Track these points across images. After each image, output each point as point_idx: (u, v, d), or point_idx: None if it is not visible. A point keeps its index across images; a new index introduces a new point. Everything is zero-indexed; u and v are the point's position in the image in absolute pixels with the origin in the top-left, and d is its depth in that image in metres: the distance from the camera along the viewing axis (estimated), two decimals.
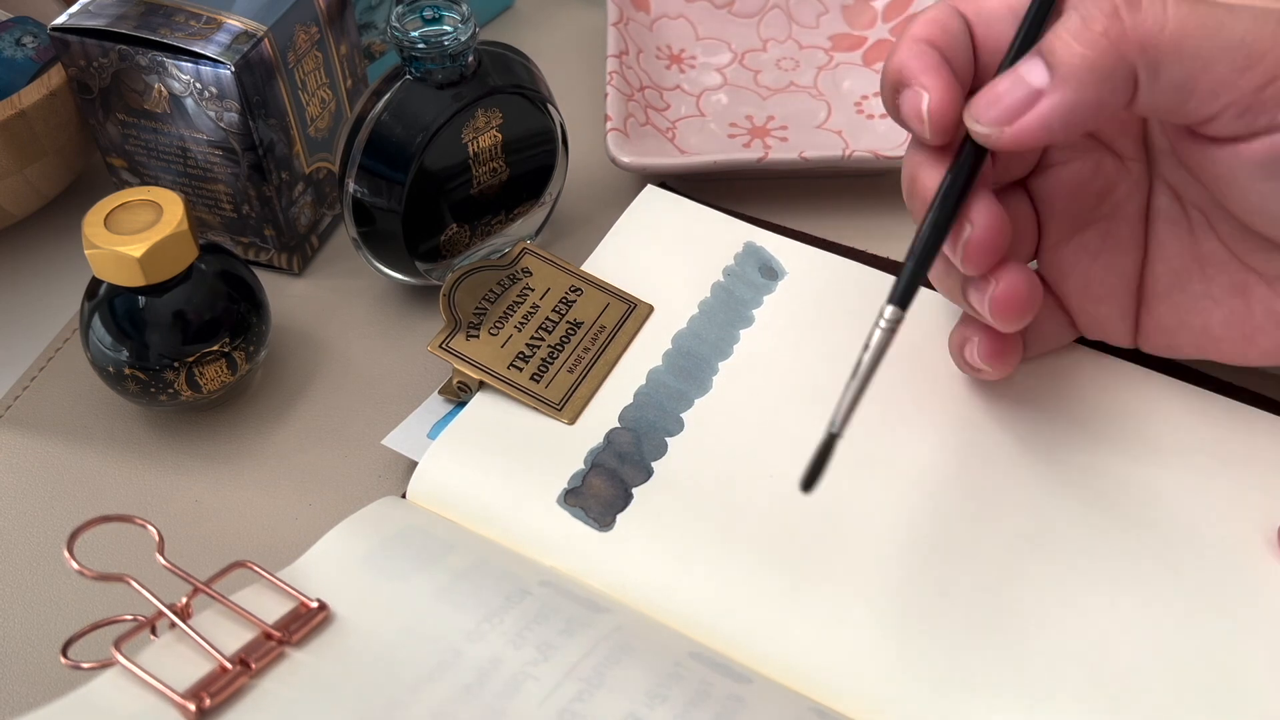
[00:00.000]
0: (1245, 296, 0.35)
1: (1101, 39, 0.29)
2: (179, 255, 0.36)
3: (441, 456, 0.36)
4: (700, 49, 0.55)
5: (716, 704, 0.29)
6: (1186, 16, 0.29)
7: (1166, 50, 0.29)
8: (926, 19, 0.33)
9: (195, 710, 0.27)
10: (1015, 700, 0.31)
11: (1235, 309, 0.35)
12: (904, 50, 0.33)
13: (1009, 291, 0.33)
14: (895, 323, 0.30)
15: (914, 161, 0.34)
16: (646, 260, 0.42)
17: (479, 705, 0.28)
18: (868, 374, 0.30)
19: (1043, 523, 0.35)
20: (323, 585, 0.31)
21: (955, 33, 0.33)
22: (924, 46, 0.32)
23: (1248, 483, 0.36)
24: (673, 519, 0.35)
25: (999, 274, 0.33)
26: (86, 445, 0.40)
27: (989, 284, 0.33)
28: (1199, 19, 0.29)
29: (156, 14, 0.40)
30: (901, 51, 0.33)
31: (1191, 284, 0.36)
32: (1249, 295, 0.35)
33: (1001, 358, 0.36)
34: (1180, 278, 0.36)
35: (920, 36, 0.33)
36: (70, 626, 0.33)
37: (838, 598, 0.33)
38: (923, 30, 0.33)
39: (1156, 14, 0.29)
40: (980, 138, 0.31)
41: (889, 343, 0.30)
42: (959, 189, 0.32)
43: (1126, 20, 0.29)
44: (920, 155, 0.34)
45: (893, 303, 0.31)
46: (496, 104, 0.40)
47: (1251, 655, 0.32)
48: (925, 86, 0.32)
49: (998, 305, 0.33)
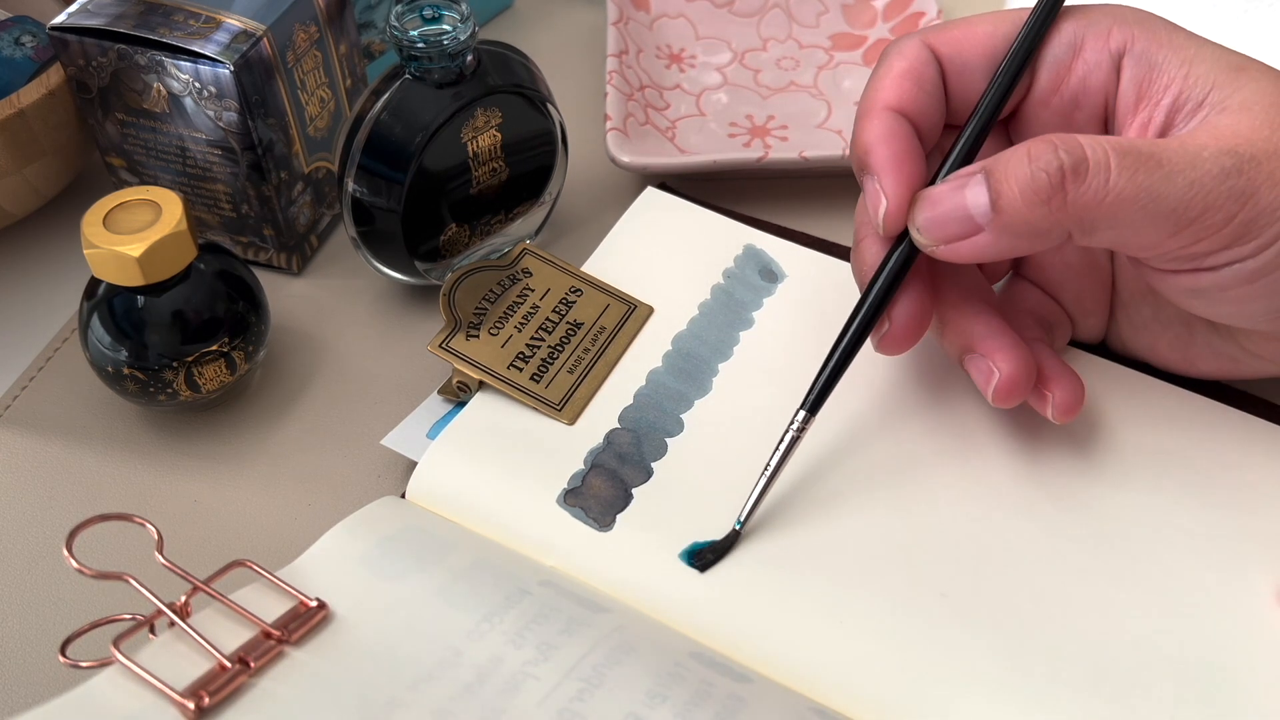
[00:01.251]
0: (1188, 327, 0.37)
1: (1043, 206, 0.30)
2: (178, 255, 0.36)
3: (441, 456, 0.36)
4: (700, 48, 0.55)
5: (716, 704, 0.29)
6: (1124, 189, 0.30)
7: (1101, 220, 0.30)
8: (902, 70, 0.34)
9: (194, 709, 0.27)
10: (1015, 700, 0.31)
11: (1180, 335, 0.37)
12: (872, 127, 0.34)
13: (1009, 384, 0.34)
14: (805, 425, 0.34)
15: (860, 224, 0.35)
16: (646, 262, 0.42)
17: (479, 704, 0.28)
18: (774, 473, 0.34)
19: (1043, 523, 0.35)
20: (322, 584, 0.31)
21: (929, 89, 0.34)
22: (892, 124, 0.33)
23: (1248, 485, 0.36)
24: (672, 519, 0.35)
25: (997, 359, 0.34)
26: (85, 445, 0.40)
27: (993, 375, 0.34)
28: (1135, 191, 0.30)
29: (155, 13, 0.40)
30: (870, 127, 0.34)
31: (1144, 306, 0.38)
32: (1191, 327, 0.37)
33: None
34: (1135, 298, 0.38)
35: (891, 104, 0.34)
36: (69, 625, 0.33)
37: (837, 597, 0.33)
38: (894, 93, 0.34)
39: (1098, 188, 0.30)
40: (917, 243, 0.33)
41: (797, 443, 0.34)
42: (880, 295, 0.34)
43: (1070, 193, 0.30)
44: (867, 221, 0.35)
45: (804, 409, 0.34)
46: (496, 104, 0.40)
47: (1251, 655, 0.32)
48: (885, 191, 0.33)
49: (1000, 394, 0.34)
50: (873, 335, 0.35)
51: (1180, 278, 0.32)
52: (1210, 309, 0.34)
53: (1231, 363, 0.37)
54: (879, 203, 0.33)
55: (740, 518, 0.34)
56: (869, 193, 0.34)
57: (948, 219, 0.31)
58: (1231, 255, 0.31)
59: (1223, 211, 0.30)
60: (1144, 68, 0.33)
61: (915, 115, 0.34)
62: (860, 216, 0.35)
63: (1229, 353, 0.36)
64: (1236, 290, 0.32)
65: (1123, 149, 0.30)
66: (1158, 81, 0.33)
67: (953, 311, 0.35)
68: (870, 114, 0.34)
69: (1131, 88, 0.33)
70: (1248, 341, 0.36)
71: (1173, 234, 0.30)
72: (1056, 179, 0.30)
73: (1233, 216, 0.30)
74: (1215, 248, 0.31)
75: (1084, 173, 0.30)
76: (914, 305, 0.34)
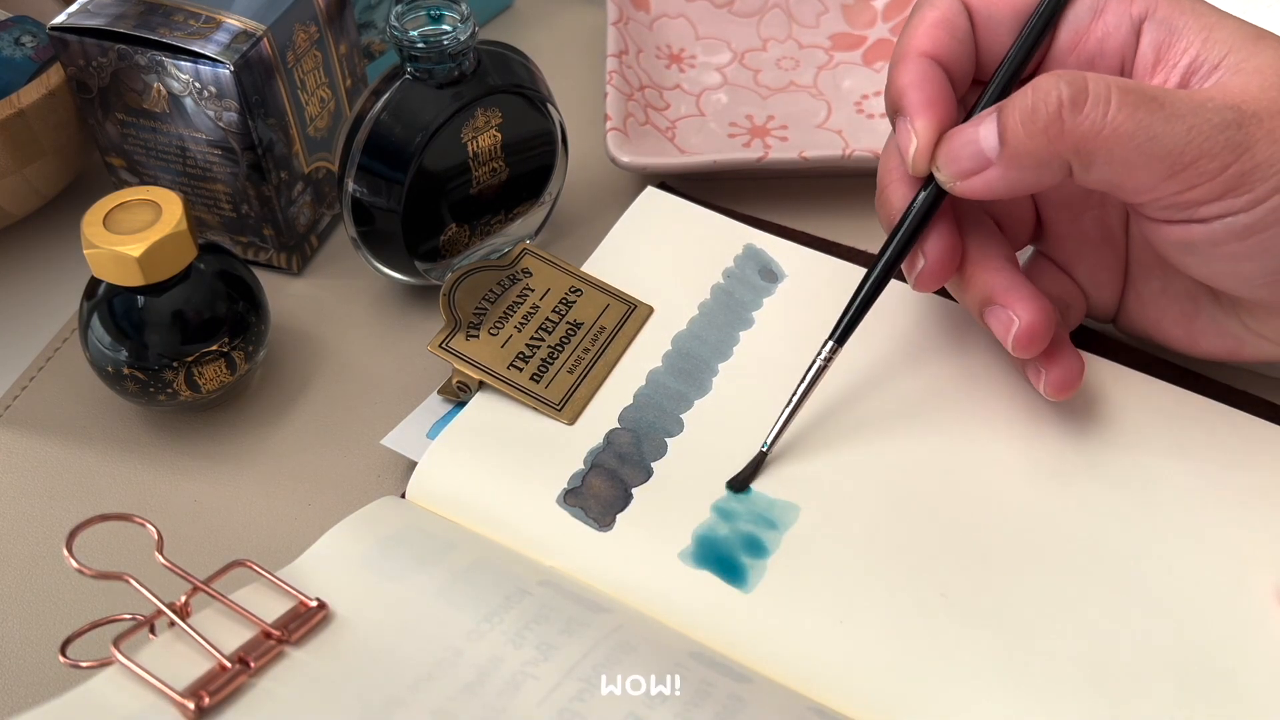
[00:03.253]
0: (1195, 302, 0.37)
1: (1041, 134, 0.31)
2: (178, 255, 0.36)
3: (441, 456, 0.36)
4: (700, 48, 0.55)
5: (716, 704, 0.29)
6: (1122, 124, 0.31)
7: (1098, 153, 0.31)
8: (936, 19, 0.35)
9: (194, 709, 0.27)
10: (1015, 700, 0.31)
11: (1185, 310, 0.37)
12: (908, 71, 0.35)
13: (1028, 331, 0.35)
14: (832, 356, 0.36)
15: (888, 169, 0.37)
16: (646, 262, 0.42)
17: (479, 704, 0.28)
18: (800, 400, 0.36)
19: (1043, 523, 0.35)
20: (322, 584, 0.31)
21: (960, 37, 0.35)
22: (926, 69, 0.35)
23: (1248, 485, 0.36)
24: (672, 519, 0.35)
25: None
26: (85, 445, 0.40)
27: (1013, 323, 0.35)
28: (1133, 128, 0.30)
29: (155, 13, 0.40)
30: (905, 71, 0.35)
31: (1154, 279, 0.38)
32: (1198, 302, 0.37)
33: None
34: (1146, 270, 0.38)
35: (925, 50, 0.35)
36: (69, 625, 0.33)
37: (837, 597, 0.33)
38: (928, 40, 0.35)
39: (1095, 119, 0.31)
40: (940, 181, 0.34)
41: (823, 373, 0.36)
42: (911, 229, 0.35)
43: (1067, 121, 0.31)
44: (895, 166, 0.36)
45: (832, 339, 0.36)
46: (496, 104, 0.40)
47: (1251, 655, 0.32)
48: (916, 130, 0.34)
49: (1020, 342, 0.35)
50: (909, 274, 0.36)
51: (1174, 229, 0.33)
52: (1204, 267, 0.34)
53: (1235, 342, 0.37)
54: (909, 142, 0.34)
55: (766, 442, 0.36)
56: (900, 133, 0.35)
57: (961, 154, 0.33)
58: (1223, 207, 0.31)
59: (1218, 160, 0.30)
60: (1164, 32, 0.33)
61: (948, 62, 0.35)
62: (886, 163, 0.37)
63: (1232, 331, 0.36)
64: (1228, 246, 0.32)
65: (1126, 86, 0.31)
66: (1176, 46, 0.33)
67: (973, 267, 0.36)
68: (905, 59, 0.35)
69: (1150, 50, 0.34)
70: (1250, 319, 0.36)
71: (1166, 177, 0.31)
72: (1054, 107, 0.31)
73: (1227, 166, 0.30)
74: (1208, 197, 0.31)
75: (1083, 102, 0.31)
76: (945, 240, 0.35)
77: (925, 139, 0.34)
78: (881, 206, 0.37)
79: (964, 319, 0.41)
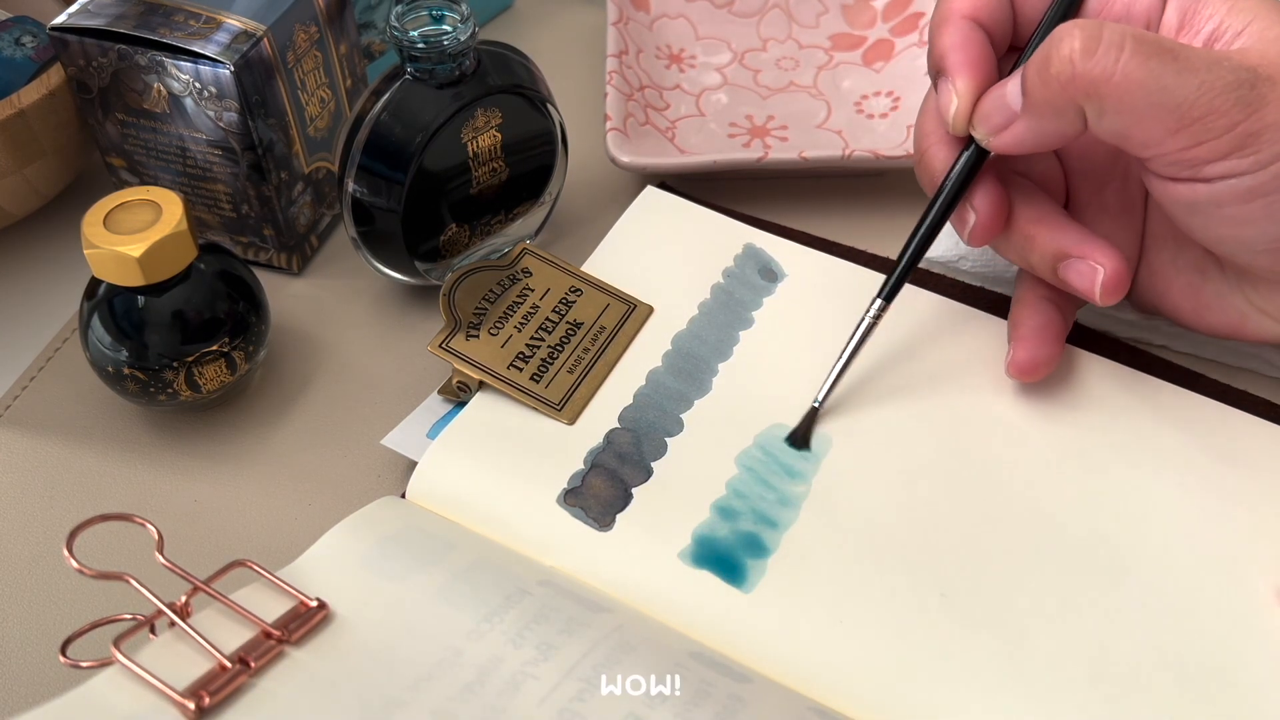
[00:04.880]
0: (1202, 274, 0.37)
1: (1054, 80, 0.32)
2: (178, 255, 0.36)
3: (441, 456, 0.36)
4: (700, 48, 0.55)
5: (716, 704, 0.29)
6: (1133, 72, 0.31)
7: (1108, 99, 0.31)
8: None
9: (194, 709, 0.27)
10: (1015, 700, 0.31)
11: (1192, 282, 0.38)
12: (950, 33, 0.36)
13: (1115, 277, 0.35)
14: (880, 313, 0.37)
15: (925, 132, 0.38)
16: (646, 261, 0.42)
17: (479, 704, 0.28)
18: (850, 356, 0.37)
19: (1042, 523, 0.35)
20: (322, 584, 0.31)
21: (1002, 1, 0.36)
22: (967, 31, 0.36)
23: (1248, 485, 0.36)
24: (672, 519, 0.35)
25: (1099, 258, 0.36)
26: (86, 445, 0.40)
27: (1097, 272, 0.36)
28: (1143, 76, 0.31)
29: (156, 13, 0.40)
30: (948, 33, 0.36)
31: (1166, 249, 0.38)
32: (1205, 273, 0.37)
33: None
34: (1159, 241, 0.38)
35: (966, 12, 0.36)
36: (69, 625, 0.33)
37: (837, 597, 0.33)
38: (969, 2, 0.36)
39: (1107, 64, 0.31)
40: (978, 140, 0.36)
41: (872, 330, 0.37)
42: (958, 184, 0.36)
43: (1078, 65, 0.31)
44: (933, 129, 0.37)
45: (880, 297, 0.37)
46: (496, 104, 0.40)
47: (1251, 655, 0.32)
48: (957, 90, 0.35)
49: (1108, 289, 0.36)
50: (962, 229, 0.37)
51: (1180, 187, 0.33)
52: (1207, 230, 0.34)
53: (1238, 317, 0.37)
54: (950, 102, 0.35)
55: (818, 397, 0.37)
56: (941, 93, 0.36)
57: (993, 109, 0.34)
58: (1229, 167, 0.31)
59: (1227, 117, 0.31)
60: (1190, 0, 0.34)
61: (988, 24, 0.36)
62: (924, 127, 0.38)
63: (1236, 306, 0.37)
64: (1231, 208, 0.32)
65: (1141, 36, 0.31)
66: (1201, 13, 0.34)
67: (1036, 226, 0.37)
68: (947, 21, 0.36)
69: (1175, 16, 0.35)
70: (1254, 294, 0.36)
71: (1174, 130, 0.31)
72: (1067, 54, 0.31)
73: (1235, 124, 0.31)
74: (1214, 155, 0.31)
75: (1094, 49, 0.31)
76: (993, 194, 0.36)
77: (966, 99, 0.35)
78: (923, 169, 0.38)
79: (960, 321, 0.41)
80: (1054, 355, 0.38)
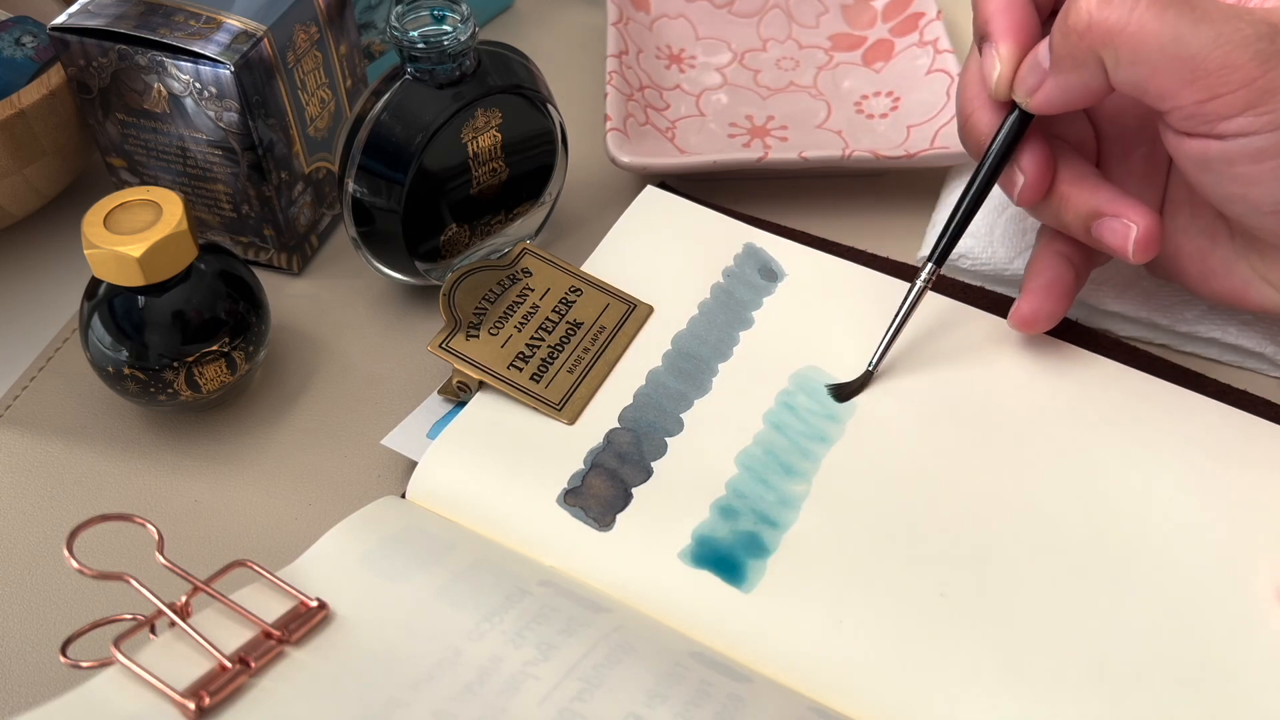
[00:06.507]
0: (1212, 239, 0.38)
1: (1073, 31, 0.33)
2: (178, 255, 0.36)
3: (441, 456, 0.36)
4: (700, 49, 0.55)
5: (716, 704, 0.29)
6: (1148, 21, 0.31)
7: (1124, 48, 0.32)
8: None
9: (195, 709, 0.27)
10: (1015, 700, 0.31)
11: (1201, 247, 0.38)
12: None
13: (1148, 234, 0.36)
14: (931, 276, 0.38)
15: (968, 98, 0.38)
16: (646, 261, 0.42)
17: (479, 704, 0.28)
18: (902, 321, 0.38)
19: (1042, 522, 0.35)
20: (322, 584, 0.31)
21: None
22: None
23: (1248, 485, 0.36)
24: (672, 519, 0.35)
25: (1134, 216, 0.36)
26: (86, 445, 0.40)
27: (1131, 229, 0.36)
28: (1158, 27, 0.31)
29: (156, 14, 0.40)
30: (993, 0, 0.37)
31: (1181, 214, 0.39)
32: (1215, 239, 0.38)
33: None
34: (1175, 206, 0.39)
35: None
36: (69, 625, 0.33)
37: (837, 597, 0.33)
38: None
39: (1122, 13, 0.31)
40: (1018, 102, 0.36)
41: (923, 294, 0.38)
42: (1005, 146, 0.37)
43: (1095, 15, 0.32)
44: (975, 94, 0.38)
45: (931, 261, 0.38)
46: (496, 104, 0.40)
47: (1251, 655, 0.32)
48: (1000, 56, 0.36)
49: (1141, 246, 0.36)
50: (1011, 191, 0.38)
51: (1194, 142, 0.33)
52: (1217, 188, 0.34)
53: (1242, 284, 0.37)
54: (993, 66, 0.36)
55: (872, 362, 0.38)
56: (985, 58, 0.37)
57: (1028, 70, 0.35)
58: (1243, 124, 0.31)
59: (1243, 71, 0.31)
60: None
61: None
62: (967, 92, 0.38)
63: (1240, 273, 0.37)
64: (1243, 167, 0.32)
65: None
66: None
67: (1071, 186, 0.37)
68: None
69: None
70: (1259, 262, 0.36)
71: (1189, 82, 0.31)
72: (1084, 4, 0.32)
73: (1252, 79, 0.31)
74: (1229, 110, 0.31)
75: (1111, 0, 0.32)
76: (1040, 156, 0.37)
77: (1009, 64, 0.36)
78: (968, 134, 0.38)
79: (960, 320, 0.41)
80: (1057, 311, 0.38)
